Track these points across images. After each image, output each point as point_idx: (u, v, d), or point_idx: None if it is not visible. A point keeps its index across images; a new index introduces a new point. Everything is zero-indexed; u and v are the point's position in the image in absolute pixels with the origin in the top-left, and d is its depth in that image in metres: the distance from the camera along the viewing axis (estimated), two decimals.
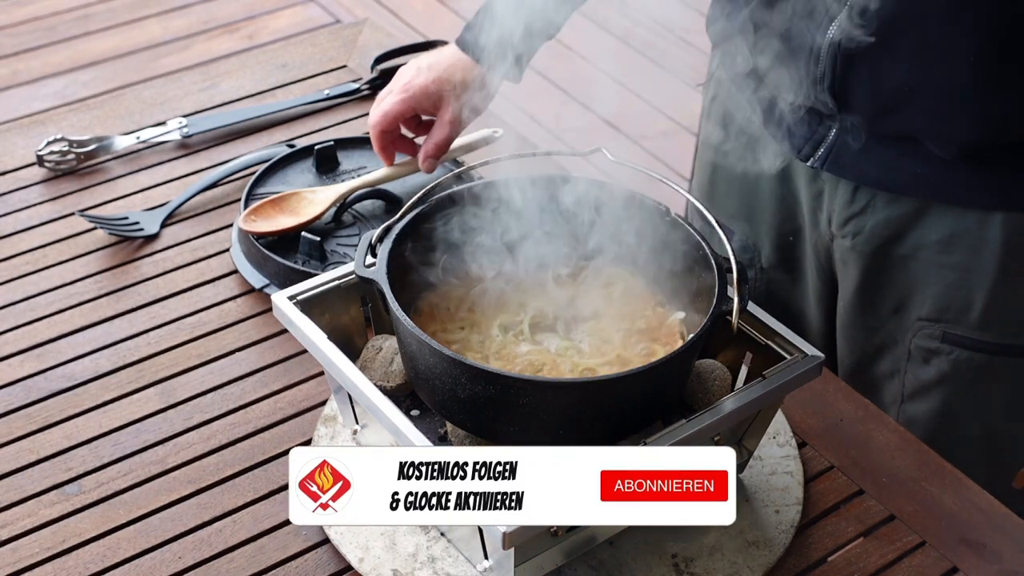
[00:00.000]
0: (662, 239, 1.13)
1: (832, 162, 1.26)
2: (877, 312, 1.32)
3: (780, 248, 1.40)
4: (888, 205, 1.25)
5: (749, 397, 1.07)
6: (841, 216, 1.29)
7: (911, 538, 1.16)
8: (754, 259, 1.42)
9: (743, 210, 1.40)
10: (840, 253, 1.32)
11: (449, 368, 1.01)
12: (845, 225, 1.29)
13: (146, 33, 3.56)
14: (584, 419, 1.03)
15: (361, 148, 1.58)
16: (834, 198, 1.29)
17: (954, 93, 1.16)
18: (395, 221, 1.11)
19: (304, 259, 1.40)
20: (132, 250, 1.45)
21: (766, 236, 1.40)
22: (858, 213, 1.27)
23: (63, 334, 1.34)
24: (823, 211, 1.31)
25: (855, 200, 1.27)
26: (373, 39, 1.81)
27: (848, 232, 1.29)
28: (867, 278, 1.30)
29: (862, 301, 1.32)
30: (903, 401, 1.34)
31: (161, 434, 1.23)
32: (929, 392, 1.31)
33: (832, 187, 1.29)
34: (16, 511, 1.15)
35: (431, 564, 1.10)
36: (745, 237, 1.42)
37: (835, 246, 1.32)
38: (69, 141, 1.55)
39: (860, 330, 1.35)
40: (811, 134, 1.26)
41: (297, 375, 1.29)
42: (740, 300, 1.05)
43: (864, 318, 1.33)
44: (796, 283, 1.42)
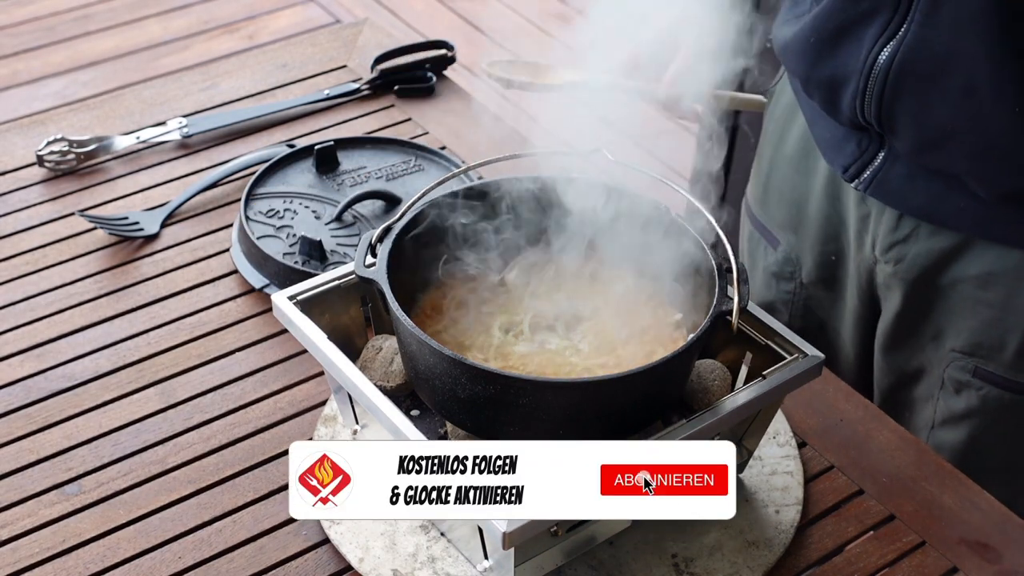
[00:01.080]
0: (662, 239, 1.13)
1: (877, 187, 1.25)
2: (917, 338, 1.32)
3: (822, 266, 1.39)
4: (931, 236, 1.24)
5: (749, 397, 1.07)
6: (885, 242, 1.28)
7: (911, 538, 1.16)
8: (795, 272, 1.42)
9: (791, 222, 1.40)
10: (883, 278, 1.31)
11: (449, 368, 1.01)
12: (888, 251, 1.28)
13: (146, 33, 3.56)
14: (584, 419, 1.03)
15: (361, 148, 1.58)
16: (879, 223, 1.28)
17: (997, 139, 1.14)
18: (395, 221, 1.11)
19: (304, 259, 1.40)
20: (132, 250, 1.45)
21: (810, 251, 1.39)
22: (901, 241, 1.26)
23: (63, 334, 1.34)
24: (868, 234, 1.30)
25: (899, 227, 1.26)
26: (373, 39, 1.81)
27: (891, 258, 1.28)
28: (908, 304, 1.30)
29: (903, 326, 1.32)
30: (933, 427, 1.34)
31: (161, 434, 1.23)
32: (958, 422, 1.31)
33: (878, 212, 1.28)
34: (16, 511, 1.15)
35: (431, 564, 1.10)
36: (789, 248, 1.41)
37: (878, 270, 1.31)
38: (69, 141, 1.55)
39: (899, 353, 1.34)
40: (859, 154, 1.25)
41: (297, 375, 1.29)
42: (740, 300, 1.05)
43: (904, 342, 1.33)
44: (834, 303, 1.41)
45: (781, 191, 1.40)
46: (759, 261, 1.47)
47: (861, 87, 1.18)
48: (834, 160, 1.28)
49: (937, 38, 1.11)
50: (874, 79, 1.16)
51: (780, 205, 1.41)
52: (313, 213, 1.47)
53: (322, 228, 1.45)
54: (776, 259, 1.43)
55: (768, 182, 1.43)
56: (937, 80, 1.13)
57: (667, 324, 1.14)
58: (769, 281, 1.46)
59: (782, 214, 1.41)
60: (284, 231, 1.44)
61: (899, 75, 1.15)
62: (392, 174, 1.55)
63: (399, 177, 1.54)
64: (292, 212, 1.47)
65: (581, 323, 1.14)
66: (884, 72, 1.15)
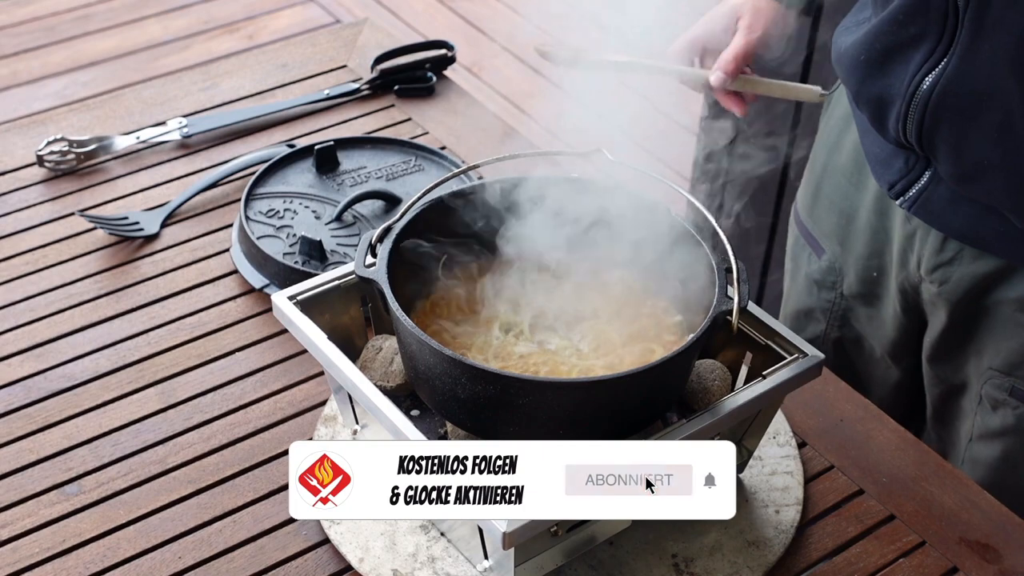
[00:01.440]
0: (662, 239, 1.13)
1: (921, 207, 1.24)
2: (961, 352, 1.32)
3: (864, 281, 1.39)
4: (975, 260, 1.24)
5: (749, 397, 1.07)
6: (930, 262, 1.28)
7: (911, 538, 1.16)
8: (837, 282, 1.41)
9: (838, 232, 1.39)
10: (928, 295, 1.31)
11: (449, 368, 1.01)
12: (933, 272, 1.28)
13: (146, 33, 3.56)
14: (584, 419, 1.03)
15: (361, 148, 1.58)
16: (924, 243, 1.28)
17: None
18: (395, 221, 1.11)
19: (304, 259, 1.40)
20: (132, 250, 1.45)
21: (854, 263, 1.39)
22: (946, 263, 1.26)
23: (63, 334, 1.34)
24: (913, 253, 1.30)
25: (944, 249, 1.26)
26: (373, 39, 1.81)
27: (936, 279, 1.28)
28: (953, 322, 1.30)
29: (948, 341, 1.32)
30: (972, 440, 1.34)
31: (161, 434, 1.23)
32: (994, 439, 1.31)
33: (924, 232, 1.27)
34: (16, 511, 1.15)
35: (431, 564, 1.10)
36: (834, 258, 1.41)
37: (923, 288, 1.31)
38: (69, 141, 1.55)
39: (945, 365, 1.35)
40: (906, 172, 1.24)
41: (297, 375, 1.29)
42: (740, 300, 1.05)
43: (948, 355, 1.33)
44: (873, 316, 1.40)
45: (831, 200, 1.40)
46: (802, 267, 1.46)
47: (904, 111, 1.17)
48: (881, 176, 1.28)
49: (976, 73, 1.11)
50: (915, 106, 1.16)
51: (829, 214, 1.40)
52: (313, 213, 1.47)
53: (322, 228, 1.45)
54: (819, 267, 1.43)
55: (819, 190, 1.42)
56: (975, 114, 1.13)
57: (667, 324, 1.14)
58: (811, 288, 1.45)
59: (830, 224, 1.40)
60: (284, 231, 1.44)
61: (939, 105, 1.14)
62: (392, 174, 1.55)
63: (399, 177, 1.54)
64: (292, 212, 1.47)
65: (581, 323, 1.14)
66: (925, 100, 1.15)
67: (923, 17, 1.13)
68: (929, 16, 1.12)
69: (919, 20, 1.14)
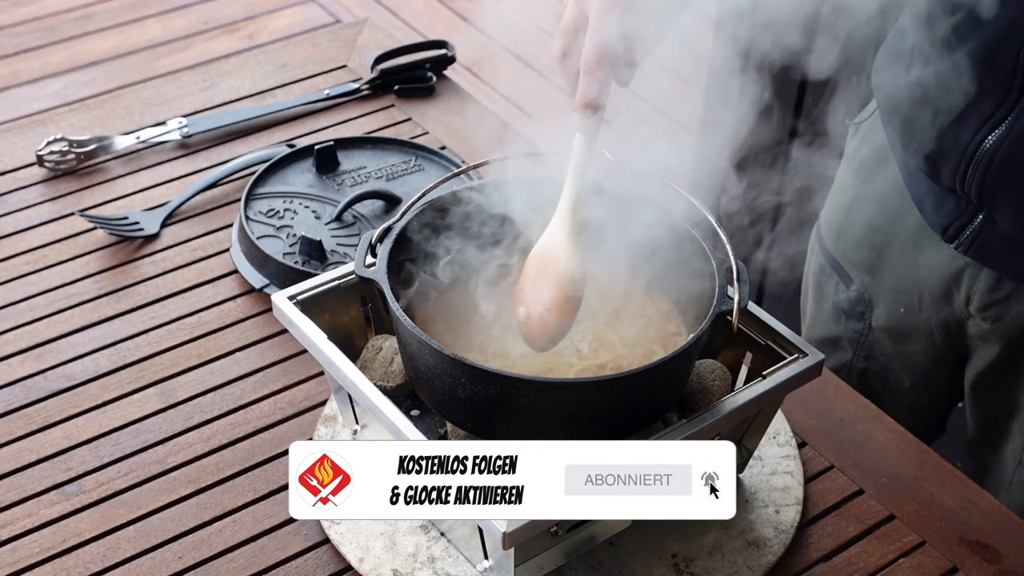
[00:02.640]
0: (662, 239, 1.13)
1: (977, 250, 1.22)
2: (1014, 379, 1.30)
3: (895, 315, 1.36)
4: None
5: (749, 397, 1.07)
6: (982, 301, 1.26)
7: (911, 538, 1.16)
8: (866, 313, 1.39)
9: (868, 263, 1.36)
10: (976, 331, 1.29)
11: (449, 368, 1.01)
12: (986, 310, 1.26)
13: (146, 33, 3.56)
14: (584, 419, 1.03)
15: (361, 148, 1.58)
16: (975, 281, 1.26)
17: None
18: (395, 221, 1.11)
19: (304, 259, 1.40)
20: (132, 250, 1.45)
21: (883, 296, 1.36)
22: (1001, 300, 1.25)
23: (63, 334, 1.34)
24: (960, 291, 1.28)
25: (999, 288, 1.24)
26: (373, 39, 1.81)
27: (988, 316, 1.26)
28: (1005, 354, 1.28)
29: (999, 371, 1.30)
30: (1021, 463, 1.33)
31: (161, 434, 1.23)
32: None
33: (975, 271, 1.25)
34: (16, 511, 1.15)
35: (431, 564, 1.10)
36: (863, 289, 1.38)
37: (970, 324, 1.29)
38: (69, 141, 1.55)
39: (993, 392, 1.33)
40: (958, 214, 1.22)
41: (297, 375, 1.29)
42: (740, 300, 1.05)
43: (999, 383, 1.32)
44: (901, 352, 1.38)
45: (861, 232, 1.36)
46: (828, 295, 1.44)
47: (963, 168, 1.16)
48: (931, 219, 1.25)
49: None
50: (976, 163, 1.14)
51: (860, 246, 1.37)
52: (313, 213, 1.47)
53: (322, 228, 1.45)
54: (848, 297, 1.40)
55: (847, 219, 1.39)
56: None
57: (667, 324, 1.14)
58: (838, 316, 1.43)
59: (861, 254, 1.37)
60: (284, 231, 1.44)
61: (1003, 165, 1.13)
62: (392, 174, 1.55)
63: (399, 177, 1.54)
64: (292, 212, 1.47)
65: (581, 323, 1.14)
66: (988, 159, 1.13)
67: (987, 73, 1.11)
68: (994, 73, 1.10)
69: (983, 76, 1.11)
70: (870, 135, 1.37)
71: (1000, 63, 1.09)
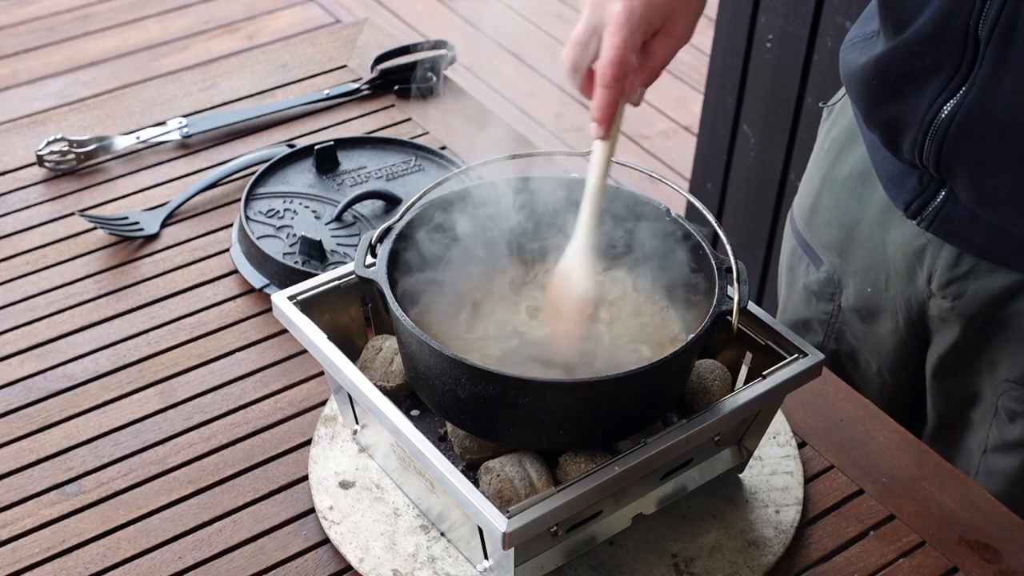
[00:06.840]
0: (662, 239, 1.13)
1: (939, 225, 1.23)
2: (972, 366, 1.31)
3: (864, 292, 1.37)
4: (991, 273, 1.23)
5: (749, 397, 1.07)
6: (943, 278, 1.27)
7: (911, 538, 1.16)
8: (835, 294, 1.40)
9: (838, 244, 1.38)
10: (937, 311, 1.30)
11: (449, 368, 1.01)
12: (946, 287, 1.27)
13: (146, 33, 3.56)
14: (584, 419, 1.03)
15: (361, 148, 1.58)
16: (937, 259, 1.26)
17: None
18: (395, 221, 1.11)
19: (304, 259, 1.40)
20: (132, 250, 1.45)
21: (852, 277, 1.37)
22: (961, 277, 1.25)
23: (63, 334, 1.34)
24: (923, 269, 1.29)
25: (959, 264, 1.25)
26: (373, 39, 1.81)
27: (949, 294, 1.27)
28: (965, 337, 1.29)
29: (957, 356, 1.31)
30: (986, 451, 1.33)
31: (161, 434, 1.23)
32: (1011, 450, 1.31)
33: (936, 248, 1.26)
34: (16, 511, 1.15)
35: (431, 564, 1.10)
36: (833, 270, 1.39)
37: (932, 304, 1.30)
38: (69, 141, 1.55)
39: (953, 380, 1.34)
40: (921, 190, 1.23)
41: (297, 375, 1.29)
42: (740, 300, 1.05)
43: (958, 370, 1.32)
44: (870, 330, 1.39)
45: (831, 212, 1.38)
46: (799, 277, 1.45)
47: (920, 138, 1.16)
48: (895, 195, 1.27)
49: (998, 103, 1.10)
50: (933, 134, 1.15)
51: (829, 226, 1.39)
52: (313, 213, 1.47)
53: (322, 228, 1.45)
54: (818, 278, 1.42)
55: (817, 201, 1.40)
56: (996, 144, 1.12)
57: (667, 324, 1.14)
58: (808, 299, 1.44)
59: (829, 235, 1.39)
60: (284, 231, 1.44)
61: (958, 134, 1.13)
62: (392, 174, 1.55)
63: (399, 177, 1.54)
64: (292, 212, 1.47)
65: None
66: (944, 129, 1.14)
67: (940, 47, 1.12)
68: (947, 46, 1.11)
69: (936, 49, 1.12)
70: (840, 117, 1.39)
71: (953, 35, 1.11)
